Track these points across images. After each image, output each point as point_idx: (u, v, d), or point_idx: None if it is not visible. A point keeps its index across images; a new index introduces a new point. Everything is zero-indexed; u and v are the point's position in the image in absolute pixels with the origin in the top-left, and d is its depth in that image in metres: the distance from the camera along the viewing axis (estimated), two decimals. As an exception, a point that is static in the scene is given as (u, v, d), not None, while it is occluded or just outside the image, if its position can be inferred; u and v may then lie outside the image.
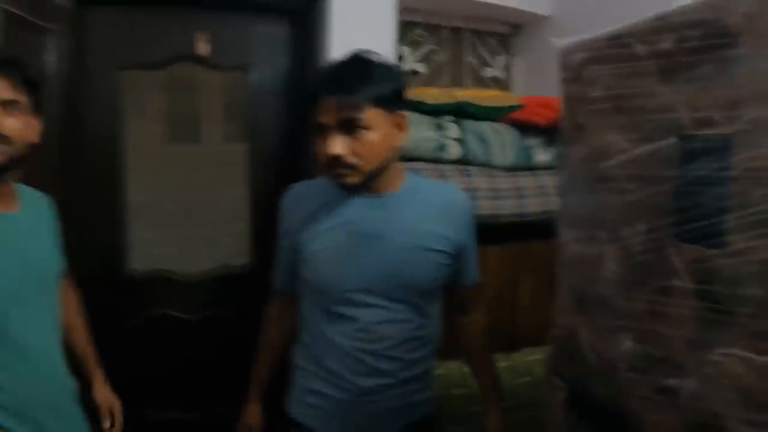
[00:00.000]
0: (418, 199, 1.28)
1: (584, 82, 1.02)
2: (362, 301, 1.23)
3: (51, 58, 1.95)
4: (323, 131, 1.17)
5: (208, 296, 2.35)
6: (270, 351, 1.47)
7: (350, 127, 1.13)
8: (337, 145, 1.14)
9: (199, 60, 2.25)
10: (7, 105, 1.21)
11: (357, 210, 1.25)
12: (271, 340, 1.47)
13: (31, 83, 1.27)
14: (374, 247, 1.23)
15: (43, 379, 1.31)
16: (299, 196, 1.36)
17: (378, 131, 1.16)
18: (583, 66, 1.01)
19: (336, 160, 1.15)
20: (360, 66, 1.18)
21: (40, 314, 1.33)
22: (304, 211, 1.31)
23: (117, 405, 1.58)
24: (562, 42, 1.08)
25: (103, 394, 1.55)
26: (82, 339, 1.57)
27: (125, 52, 2.20)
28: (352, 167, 1.16)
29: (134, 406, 2.24)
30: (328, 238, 1.26)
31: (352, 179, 1.18)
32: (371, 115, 1.14)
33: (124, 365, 2.24)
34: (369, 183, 1.22)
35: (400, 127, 1.21)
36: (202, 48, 2.23)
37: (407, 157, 1.91)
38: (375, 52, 1.19)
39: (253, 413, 1.46)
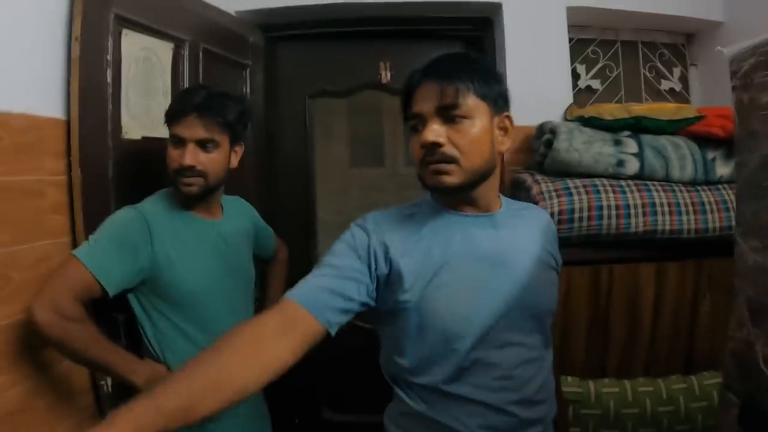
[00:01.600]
0: (523, 216, 1.16)
1: (755, 88, 0.99)
2: (500, 339, 1.04)
3: (247, 89, 2.20)
4: (420, 124, 1.03)
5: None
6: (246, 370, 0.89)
7: (450, 115, 1.00)
8: (434, 132, 0.99)
9: (382, 87, 2.41)
10: (202, 143, 1.35)
11: (469, 232, 1.07)
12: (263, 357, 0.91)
13: (227, 122, 1.38)
14: (501, 273, 1.06)
15: None
16: (392, 218, 1.10)
17: (480, 124, 1.01)
18: (753, 72, 0.99)
19: (432, 151, 1.00)
20: (464, 58, 1.08)
21: (237, 309, 1.48)
22: (401, 234, 1.06)
23: None
24: (730, 49, 1.06)
25: None
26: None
27: (313, 82, 2.42)
28: (451, 160, 1.00)
29: (312, 406, 2.50)
30: (448, 271, 1.03)
31: (452, 178, 1.01)
32: (473, 104, 1.01)
33: (305, 368, 2.50)
34: (471, 194, 1.07)
35: (504, 130, 1.08)
36: (385, 75, 2.39)
37: (586, 174, 1.89)
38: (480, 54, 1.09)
39: None
